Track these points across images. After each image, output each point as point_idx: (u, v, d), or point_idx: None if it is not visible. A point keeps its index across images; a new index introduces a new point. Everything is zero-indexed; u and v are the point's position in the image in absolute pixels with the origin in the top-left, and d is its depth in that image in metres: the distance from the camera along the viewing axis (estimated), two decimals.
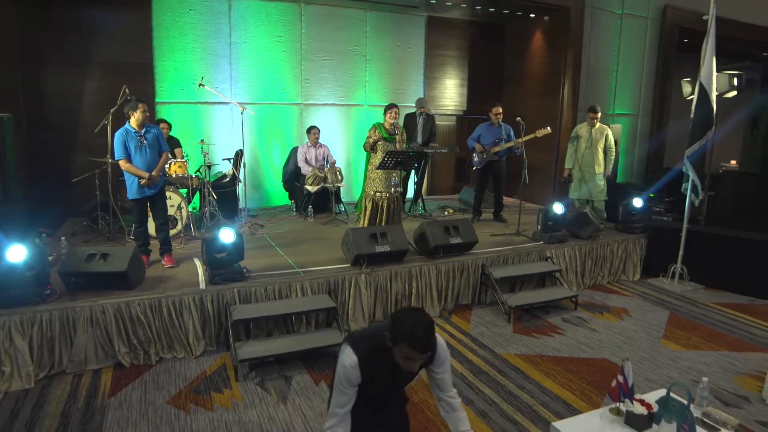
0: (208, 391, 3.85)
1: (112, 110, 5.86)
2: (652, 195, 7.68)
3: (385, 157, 5.44)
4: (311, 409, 3.64)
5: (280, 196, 8.35)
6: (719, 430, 2.70)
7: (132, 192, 4.95)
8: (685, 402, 2.65)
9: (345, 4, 8.38)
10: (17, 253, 3.88)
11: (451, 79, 9.80)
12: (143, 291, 4.36)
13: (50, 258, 4.64)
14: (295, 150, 7.82)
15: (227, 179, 7.09)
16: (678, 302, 5.91)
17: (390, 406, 2.28)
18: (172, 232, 5.96)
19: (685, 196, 6.24)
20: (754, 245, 6.09)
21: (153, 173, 4.89)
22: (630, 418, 2.69)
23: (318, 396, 3.81)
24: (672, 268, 6.41)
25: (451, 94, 9.85)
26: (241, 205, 7.30)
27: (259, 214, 7.48)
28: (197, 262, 5.15)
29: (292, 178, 7.76)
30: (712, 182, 7.08)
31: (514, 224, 6.82)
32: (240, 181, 6.87)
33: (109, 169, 5.93)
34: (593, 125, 6.97)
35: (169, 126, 6.53)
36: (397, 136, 5.79)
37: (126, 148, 4.81)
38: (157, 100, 7.51)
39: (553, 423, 2.71)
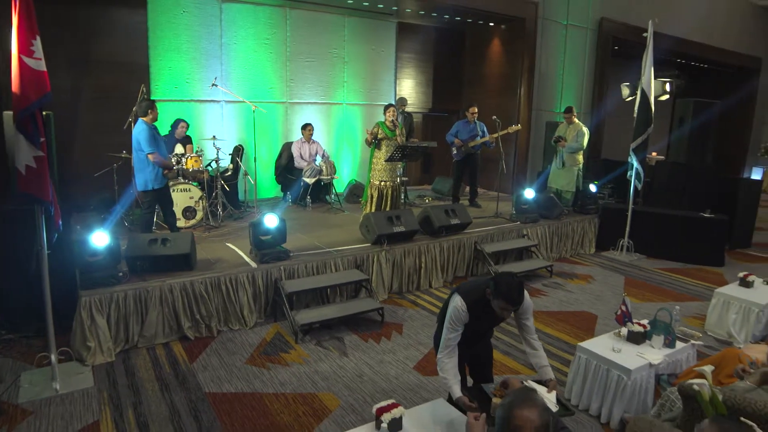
0: (276, 353, 4.52)
1: (134, 108, 6.26)
2: (596, 182, 8.95)
3: (394, 151, 6.24)
4: (372, 359, 4.42)
5: (269, 189, 8.91)
6: (689, 340, 3.78)
7: (158, 182, 5.54)
8: (669, 322, 3.71)
9: (326, 9, 9.04)
10: (101, 239, 4.35)
11: (417, 80, 10.71)
12: (201, 271, 4.91)
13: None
14: (287, 146, 8.43)
15: (229, 173, 7.59)
16: (628, 269, 7.17)
17: (482, 339, 3.11)
18: (191, 222, 6.49)
19: (624, 182, 7.50)
20: (684, 221, 7.48)
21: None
22: (631, 336, 3.71)
23: (372, 350, 4.60)
24: (620, 242, 7.68)
25: (417, 93, 10.77)
26: (240, 197, 7.85)
27: (258, 205, 8.02)
28: (232, 246, 5.72)
29: (285, 171, 8.37)
30: (648, 170, 8.44)
31: (487, 209, 7.86)
32: (247, 174, 7.41)
33: (132, 164, 6.30)
34: (569, 123, 8.07)
35: (187, 125, 6.98)
36: (397, 130, 6.59)
37: (156, 142, 5.38)
38: (152, 98, 7.84)
39: (578, 344, 3.69)
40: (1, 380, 3.99)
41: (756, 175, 15.64)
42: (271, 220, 5.22)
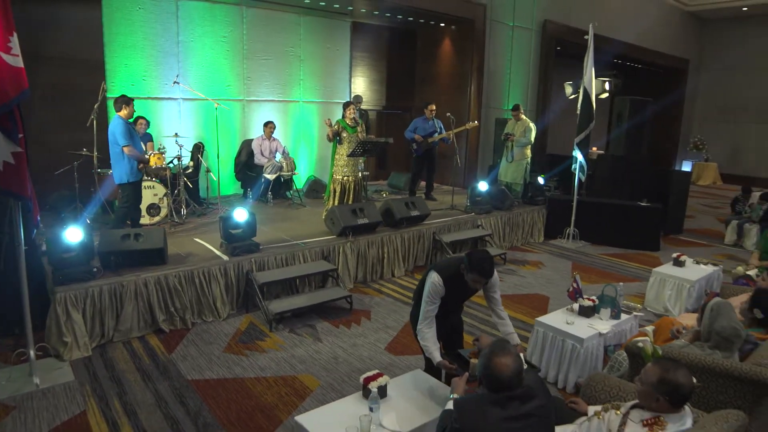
0: (252, 341, 4.69)
1: (95, 106, 6.24)
2: (543, 176, 9.52)
3: (356, 146, 6.49)
4: (344, 343, 4.68)
5: (228, 185, 8.95)
6: (631, 312, 4.25)
7: (134, 175, 5.62)
8: (614, 296, 4.16)
9: (282, 8, 9.17)
10: (75, 235, 4.39)
11: (371, 78, 10.99)
12: (174, 265, 5.01)
13: None
14: (246, 143, 8.52)
15: (190, 170, 7.62)
16: (575, 255, 7.72)
17: (454, 314, 3.45)
18: (156, 219, 6.52)
19: (569, 175, 8.05)
20: (623, 210, 8.12)
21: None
22: (582, 310, 4.14)
23: (344, 334, 4.85)
24: (567, 231, 8.24)
25: (371, 91, 11.05)
26: (201, 194, 7.89)
27: (221, 202, 8.07)
28: (201, 241, 5.82)
29: (245, 168, 8.46)
30: (590, 164, 9.06)
31: (442, 202, 8.27)
32: (209, 171, 7.47)
33: (95, 161, 6.28)
34: (517, 119, 8.55)
35: (148, 123, 6.97)
36: (358, 128, 6.84)
37: (131, 137, 5.44)
38: (108, 95, 7.75)
39: (536, 318, 4.08)
40: None
41: (686, 167, 16.87)
42: (240, 215, 5.37)
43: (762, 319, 3.29)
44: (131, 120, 5.66)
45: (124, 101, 5.55)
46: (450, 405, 2.36)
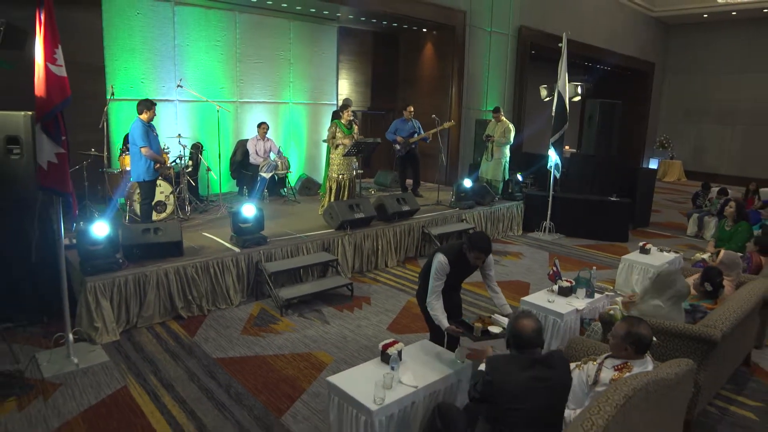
0: (266, 324, 5.16)
1: (105, 108, 6.59)
2: (521, 173, 10.16)
3: (351, 147, 6.99)
4: (350, 324, 5.18)
5: (223, 184, 9.29)
6: (603, 291, 4.86)
7: (149, 174, 6.04)
8: (588, 278, 4.76)
9: (272, 14, 9.58)
10: (102, 229, 4.79)
11: (357, 81, 11.49)
12: (190, 256, 5.43)
13: None
14: (241, 143, 8.92)
15: (190, 169, 8.00)
16: (552, 246, 8.37)
17: (455, 291, 3.98)
18: (162, 215, 6.90)
19: (544, 173, 8.70)
20: (595, 204, 8.80)
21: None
22: (561, 290, 4.72)
23: (348, 317, 5.35)
24: (543, 224, 8.89)
25: (357, 93, 11.55)
26: (201, 191, 8.28)
27: (217, 200, 8.46)
28: (210, 235, 6.24)
29: (240, 167, 8.86)
30: (563, 162, 9.75)
31: (428, 198, 8.83)
32: (210, 170, 7.87)
33: (105, 161, 6.62)
34: (497, 121, 9.17)
35: None
36: (354, 128, 7.34)
37: (148, 138, 5.86)
38: (108, 97, 8.06)
39: (522, 298, 4.66)
40: (18, 362, 4.35)
41: (653, 164, 17.84)
42: (249, 210, 5.81)
43: (711, 292, 3.93)
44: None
45: (146, 105, 5.98)
46: (482, 366, 2.88)
